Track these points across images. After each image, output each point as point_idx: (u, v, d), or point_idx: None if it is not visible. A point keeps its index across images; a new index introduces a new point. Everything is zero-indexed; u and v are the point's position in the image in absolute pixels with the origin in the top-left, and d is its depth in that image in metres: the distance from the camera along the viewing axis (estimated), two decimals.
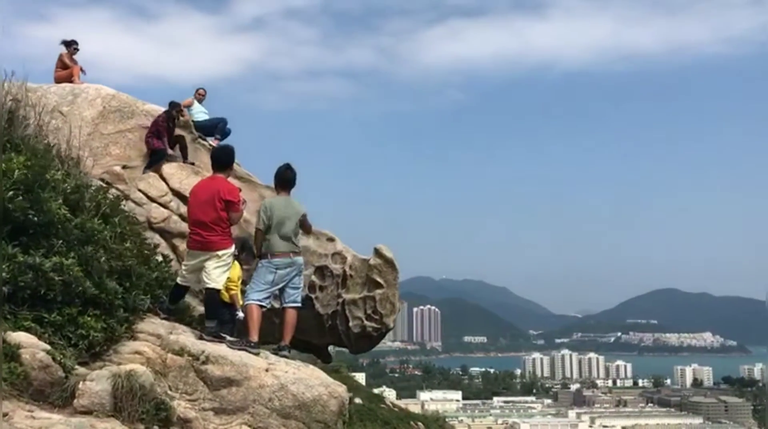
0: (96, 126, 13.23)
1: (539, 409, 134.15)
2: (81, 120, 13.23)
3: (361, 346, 12.78)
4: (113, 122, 13.29)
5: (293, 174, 7.81)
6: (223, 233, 7.16)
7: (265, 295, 7.40)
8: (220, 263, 7.11)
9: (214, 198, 7.16)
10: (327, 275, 12.56)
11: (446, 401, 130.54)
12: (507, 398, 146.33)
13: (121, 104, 13.57)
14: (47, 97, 13.64)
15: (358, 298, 12.37)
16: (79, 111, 13.35)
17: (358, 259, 12.60)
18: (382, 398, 53.87)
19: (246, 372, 6.08)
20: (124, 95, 13.87)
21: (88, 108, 13.42)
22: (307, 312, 12.64)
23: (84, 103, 13.50)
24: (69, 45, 14.65)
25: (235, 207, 7.27)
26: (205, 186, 7.44)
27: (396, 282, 12.49)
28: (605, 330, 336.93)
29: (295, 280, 7.60)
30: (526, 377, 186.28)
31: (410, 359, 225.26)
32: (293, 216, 7.53)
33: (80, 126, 13.14)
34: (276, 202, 7.65)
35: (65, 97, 13.60)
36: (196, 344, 6.30)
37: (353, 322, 12.34)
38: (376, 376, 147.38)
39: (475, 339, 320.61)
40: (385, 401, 51.80)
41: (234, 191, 7.36)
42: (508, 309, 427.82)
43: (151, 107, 13.71)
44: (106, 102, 13.52)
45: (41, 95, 13.86)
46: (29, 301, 5.50)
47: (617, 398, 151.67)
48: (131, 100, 13.77)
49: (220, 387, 6.00)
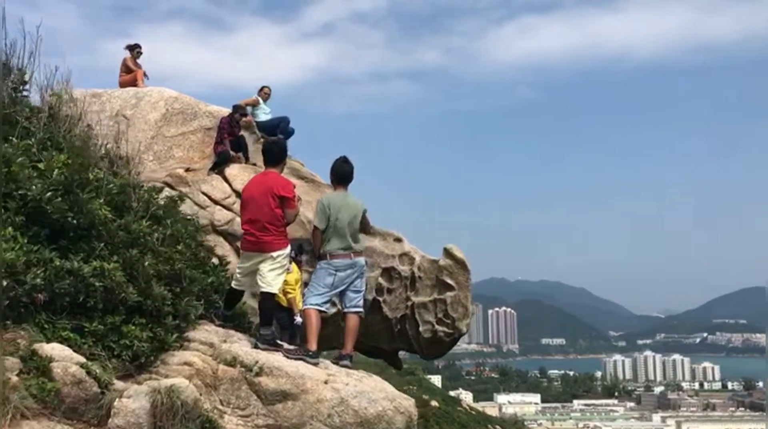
0: (159, 129, 13.05)
1: (621, 413, 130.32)
2: (144, 123, 13.09)
3: (432, 352, 12.16)
4: (176, 124, 13.08)
5: (350, 167, 7.24)
6: (277, 232, 6.66)
7: (325, 298, 6.84)
8: (275, 265, 6.61)
9: (267, 194, 6.67)
10: (395, 277, 12.01)
11: (524, 404, 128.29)
12: (588, 401, 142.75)
13: (184, 106, 13.35)
14: (111, 101, 13.59)
15: (428, 301, 11.77)
16: (142, 114, 13.21)
17: (427, 259, 11.99)
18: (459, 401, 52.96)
19: (303, 384, 5.54)
20: (187, 97, 13.66)
21: (152, 111, 13.26)
22: (375, 316, 12.12)
23: (147, 106, 13.35)
24: (132, 49, 14.58)
25: (290, 203, 6.75)
26: (258, 182, 6.96)
27: (468, 284, 11.81)
28: (690, 330, 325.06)
29: (357, 283, 7.01)
30: (607, 380, 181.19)
31: (487, 362, 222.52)
32: (353, 213, 6.96)
33: (144, 129, 13.05)
34: (334, 199, 7.08)
35: (129, 100, 13.49)
36: (249, 354, 5.81)
37: (423, 326, 11.74)
38: (452, 378, 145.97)
39: (554, 341, 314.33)
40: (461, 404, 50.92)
41: (288, 186, 6.85)
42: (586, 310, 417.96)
43: (213, 108, 13.45)
44: (168, 104, 13.33)
45: (106, 100, 13.87)
46: (68, 309, 5.10)
47: (705, 401, 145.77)
48: (194, 101, 13.55)
49: (275, 401, 5.48)
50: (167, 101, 13.40)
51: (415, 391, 44.26)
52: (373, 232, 12.39)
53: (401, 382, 45.65)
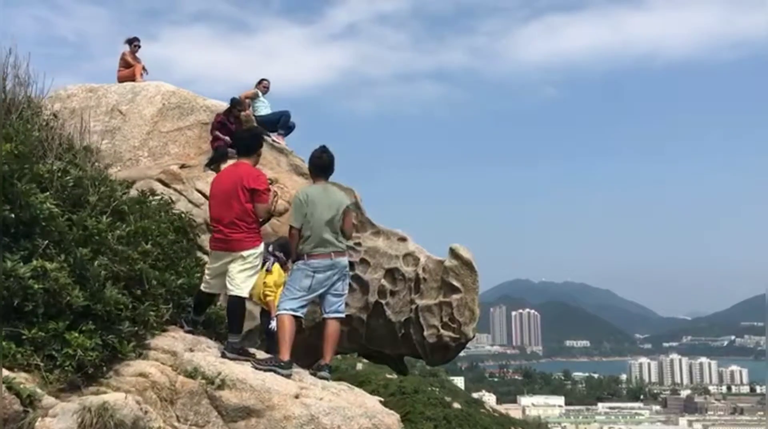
0: (155, 124, 12.56)
1: (647, 416, 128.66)
2: (140, 118, 12.62)
3: (437, 358, 11.51)
4: (172, 120, 12.59)
5: (330, 157, 6.61)
6: (248, 230, 6.07)
7: (301, 303, 6.18)
8: (245, 266, 6.02)
9: (236, 188, 6.08)
10: (398, 279, 11.39)
11: (548, 406, 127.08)
12: (613, 404, 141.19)
13: (181, 101, 12.85)
14: (107, 96, 13.14)
15: (432, 304, 11.13)
16: (138, 109, 12.74)
17: (433, 260, 11.36)
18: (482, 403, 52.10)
19: (269, 399, 4.95)
20: (185, 91, 13.16)
21: (148, 106, 12.78)
22: (378, 319, 11.51)
23: (143, 101, 12.88)
24: (131, 43, 14.12)
25: (262, 197, 6.14)
26: (227, 175, 6.37)
27: (476, 286, 11.15)
28: (717, 333, 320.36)
29: (338, 286, 6.36)
30: (632, 382, 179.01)
31: (510, 363, 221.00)
32: (334, 208, 6.32)
33: (139, 125, 12.57)
34: (312, 192, 6.42)
35: (125, 95, 13.03)
36: (213, 364, 5.22)
37: (428, 330, 11.10)
38: (475, 380, 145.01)
39: (578, 343, 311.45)
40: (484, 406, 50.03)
41: (260, 178, 6.24)
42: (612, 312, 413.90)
43: (211, 103, 12.93)
44: (165, 99, 12.84)
45: (101, 95, 13.41)
46: (5, 314, 4.54)
47: (732, 405, 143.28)
48: (191, 95, 13.05)
49: (237, 418, 4.89)
50: (164, 96, 12.91)
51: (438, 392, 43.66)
52: (376, 231, 11.80)
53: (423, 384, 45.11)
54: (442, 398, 41.24)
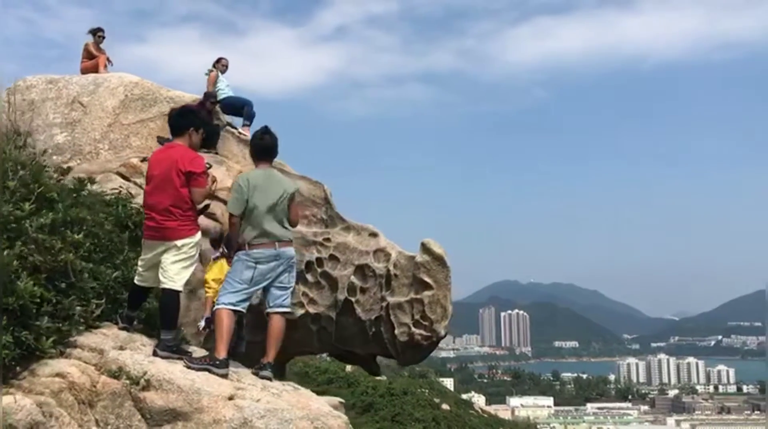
0: (116, 116, 12.09)
1: (635, 416, 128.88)
2: (102, 110, 12.14)
3: (409, 357, 11.03)
4: (134, 111, 12.11)
5: (274, 139, 6.16)
6: (183, 217, 5.61)
7: (241, 297, 5.70)
8: (179, 256, 5.57)
9: (170, 171, 5.62)
10: (369, 275, 10.92)
11: (537, 407, 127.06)
12: (601, 404, 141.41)
13: (144, 92, 12.38)
14: (68, 87, 12.65)
15: (404, 301, 10.66)
16: (100, 101, 12.26)
17: (404, 256, 10.90)
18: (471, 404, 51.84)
19: (198, 401, 4.50)
20: (149, 82, 12.68)
21: (110, 97, 12.31)
22: (348, 318, 11.06)
23: (105, 92, 12.40)
24: (95, 33, 13.63)
25: (199, 181, 5.68)
26: (160, 157, 5.89)
27: (448, 282, 10.70)
28: (705, 333, 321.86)
29: (284, 278, 5.89)
30: (620, 383, 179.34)
31: (499, 364, 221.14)
32: (278, 194, 5.85)
33: (101, 116, 12.10)
34: (254, 177, 5.95)
35: (87, 86, 12.55)
36: (139, 364, 4.77)
37: (399, 329, 10.63)
38: (464, 381, 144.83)
39: (567, 344, 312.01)
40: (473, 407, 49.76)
41: (196, 160, 5.78)
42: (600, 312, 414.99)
43: (176, 93, 12.47)
44: (128, 90, 12.37)
45: (62, 86, 12.90)
46: None
47: (720, 405, 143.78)
48: (155, 87, 12.57)
49: (162, 421, 4.44)
50: (127, 87, 12.44)
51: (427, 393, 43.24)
52: (346, 227, 11.36)
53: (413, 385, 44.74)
54: (431, 399, 40.80)
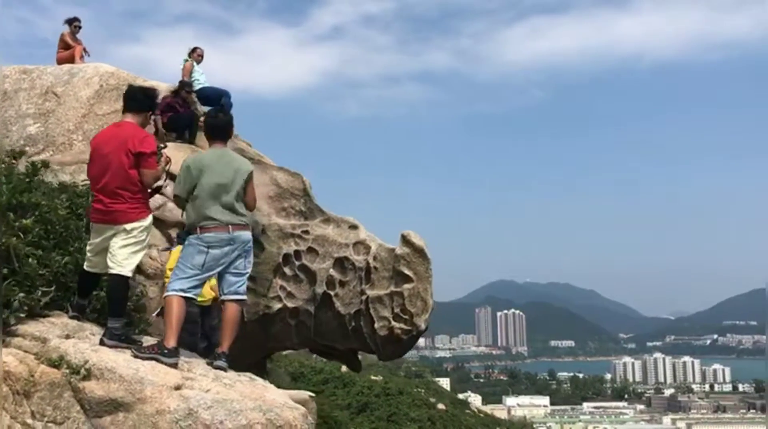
0: (91, 107, 11.81)
1: (631, 415, 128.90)
2: (76, 101, 11.87)
3: (389, 352, 10.77)
4: (109, 102, 11.83)
5: (227, 118, 5.90)
6: (132, 199, 5.34)
7: (193, 283, 5.37)
8: (128, 241, 5.29)
9: (119, 151, 5.34)
10: (348, 268, 10.67)
11: (533, 407, 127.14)
12: (597, 403, 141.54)
13: (120, 82, 12.08)
14: (42, 78, 12.38)
15: (383, 294, 10.41)
16: (74, 91, 11.98)
17: (385, 248, 10.65)
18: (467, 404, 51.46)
19: (140, 391, 4.24)
20: (125, 72, 12.42)
21: (84, 88, 12.03)
22: (327, 312, 10.79)
23: (80, 82, 12.12)
24: (71, 23, 13.36)
25: (149, 162, 5.41)
26: (109, 136, 5.60)
27: (428, 274, 10.45)
28: (700, 332, 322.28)
29: (239, 264, 5.56)
30: (616, 382, 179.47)
31: (495, 364, 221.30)
32: (231, 174, 5.55)
33: (75, 107, 11.83)
34: (205, 157, 5.66)
35: (61, 77, 12.27)
36: (81, 353, 4.51)
37: (379, 323, 10.38)
38: (460, 381, 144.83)
39: (563, 343, 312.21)
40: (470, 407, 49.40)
41: (147, 140, 5.50)
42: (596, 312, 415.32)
43: (152, 83, 12.18)
44: (103, 80, 12.09)
45: (36, 77, 12.62)
46: None
47: (715, 404, 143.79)
48: (132, 77, 12.30)
49: (102, 413, 4.18)
50: (102, 77, 12.16)
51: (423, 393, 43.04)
52: (326, 219, 11.11)
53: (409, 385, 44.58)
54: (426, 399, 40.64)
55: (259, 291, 10.59)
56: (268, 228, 10.74)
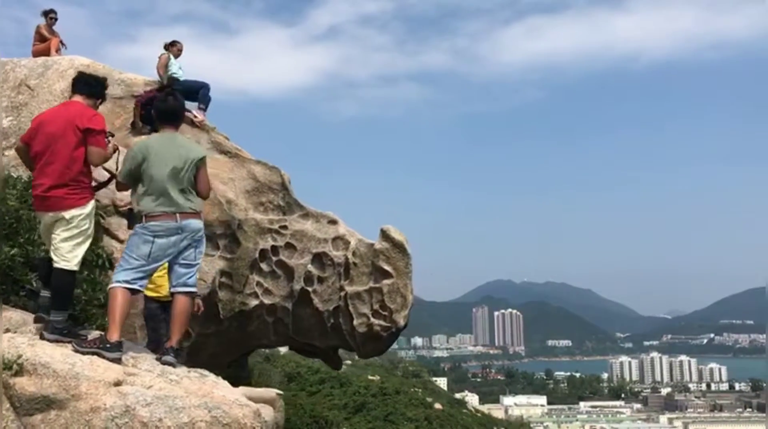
0: (65, 99, 11.54)
1: (628, 414, 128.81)
2: (49, 93, 11.58)
3: (369, 349, 10.54)
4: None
5: (178, 103, 5.65)
6: (73, 184, 5.03)
7: (138, 274, 5.06)
8: (70, 231, 4.99)
9: (65, 129, 5.05)
10: (327, 264, 10.43)
11: (531, 406, 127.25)
12: (594, 403, 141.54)
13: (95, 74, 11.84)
14: (16, 70, 12.10)
15: (362, 290, 10.17)
16: (48, 84, 11.70)
17: (364, 244, 10.41)
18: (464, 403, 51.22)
19: (75, 388, 3.98)
20: (100, 65, 12.14)
21: (59, 80, 11.74)
22: (305, 309, 10.54)
23: (54, 75, 11.84)
24: (47, 15, 13.07)
25: (97, 139, 5.10)
26: (53, 114, 5.32)
27: (408, 270, 10.21)
28: (697, 331, 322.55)
29: (188, 254, 5.25)
30: (613, 381, 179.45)
31: (493, 363, 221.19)
32: (181, 160, 5.27)
33: (48, 100, 11.55)
34: (153, 142, 5.37)
35: (35, 69, 11.98)
36: (17, 347, 4.25)
37: (358, 319, 10.14)
38: (458, 380, 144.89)
39: (560, 343, 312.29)
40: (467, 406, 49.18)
41: (96, 118, 5.21)
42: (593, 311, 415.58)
43: (127, 76, 11.94)
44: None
45: (10, 69, 12.35)
46: None
47: (712, 403, 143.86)
48: (107, 69, 12.02)
49: (33, 410, 3.92)
50: (77, 69, 11.83)
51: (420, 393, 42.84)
52: (305, 214, 10.86)
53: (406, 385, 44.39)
54: (423, 399, 40.48)
55: (235, 287, 10.34)
56: (245, 223, 10.49)
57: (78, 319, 5.92)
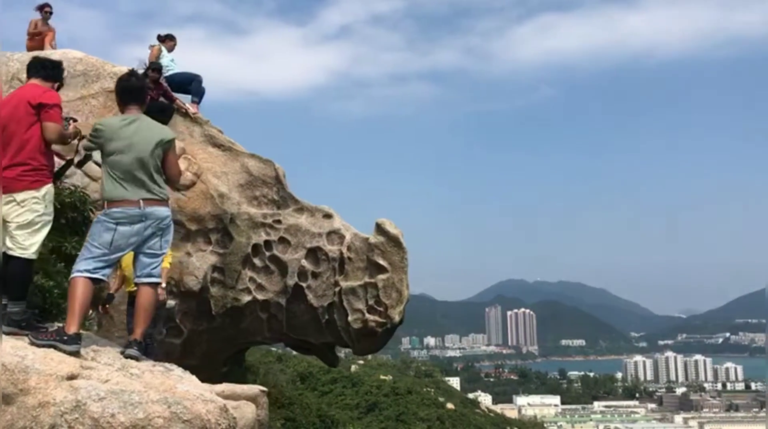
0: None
1: (643, 414, 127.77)
2: None
3: (365, 346, 10.34)
4: (75, 88, 11.42)
5: (141, 80, 5.44)
6: (26, 164, 4.80)
7: (99, 263, 4.79)
8: (24, 216, 4.75)
9: (18, 108, 4.84)
10: (321, 259, 10.23)
11: (544, 406, 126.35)
12: (608, 402, 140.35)
13: (87, 68, 11.68)
14: (9, 64, 11.96)
15: (357, 285, 9.96)
16: None
17: (360, 238, 10.20)
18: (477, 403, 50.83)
19: (24, 382, 3.75)
20: (93, 58, 11.98)
21: None
22: (299, 305, 10.34)
23: None
24: (41, 8, 12.93)
25: (50, 113, 4.89)
26: (10, 97, 5.10)
27: (404, 265, 9.99)
28: (712, 330, 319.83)
29: (153, 243, 5.01)
30: (628, 381, 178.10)
31: (506, 363, 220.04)
32: (149, 143, 5.01)
33: None
34: (116, 123, 5.12)
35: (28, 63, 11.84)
36: None
37: (353, 315, 9.93)
38: (470, 380, 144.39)
39: (573, 342, 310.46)
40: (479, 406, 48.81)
41: (49, 93, 5.03)
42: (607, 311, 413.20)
43: (120, 69, 11.71)
44: (71, 66, 11.62)
45: (3, 63, 12.26)
46: None
47: (727, 402, 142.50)
48: (99, 62, 11.87)
49: None
50: (70, 63, 11.68)
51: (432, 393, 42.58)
52: (299, 208, 10.65)
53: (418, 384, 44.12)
54: (436, 399, 40.27)
55: (227, 283, 10.16)
56: (238, 217, 10.30)
57: (49, 313, 5.70)
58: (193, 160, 10.26)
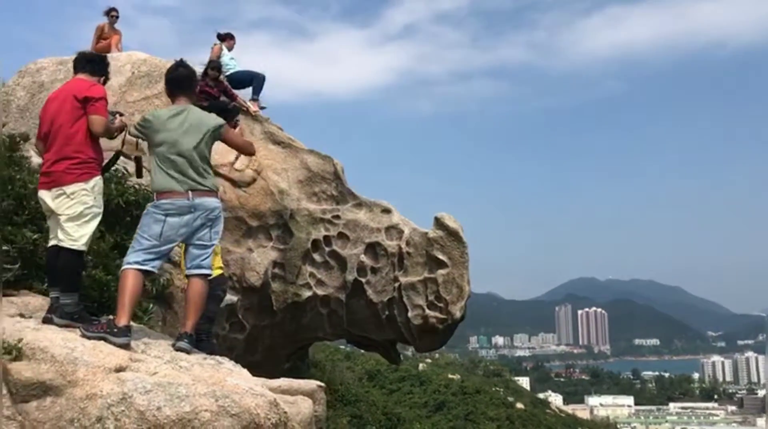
0: (123, 94, 11.61)
1: (722, 416, 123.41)
2: (108, 89, 11.66)
3: (426, 343, 10.16)
4: (139, 88, 11.61)
5: (189, 71, 5.42)
6: (75, 157, 4.86)
7: (150, 256, 4.80)
8: (74, 208, 4.81)
9: (65, 103, 4.95)
10: (380, 254, 10.12)
11: (617, 406, 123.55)
12: (685, 404, 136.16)
13: (151, 68, 11.86)
14: (69, 66, 12.30)
15: (417, 281, 9.81)
16: None
17: (418, 233, 10.05)
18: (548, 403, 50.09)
19: (72, 373, 3.75)
20: (157, 59, 12.17)
21: (117, 75, 11.80)
22: (359, 300, 10.25)
23: (113, 71, 11.71)
24: (108, 13, 13.23)
25: (95, 106, 4.95)
26: (58, 92, 5.25)
27: (464, 259, 9.78)
28: None
29: (203, 235, 4.95)
30: (705, 382, 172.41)
31: (576, 363, 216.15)
32: (198, 134, 4.99)
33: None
34: (165, 114, 5.13)
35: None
36: (21, 331, 4.07)
37: (413, 311, 9.78)
38: (540, 380, 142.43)
39: (647, 342, 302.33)
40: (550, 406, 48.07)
41: (95, 87, 5.13)
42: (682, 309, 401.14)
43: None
44: (135, 67, 11.88)
45: (71, 67, 12.56)
46: None
47: None
48: (163, 62, 12.02)
49: (30, 397, 3.71)
50: (134, 64, 11.96)
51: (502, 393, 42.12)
52: (358, 203, 10.56)
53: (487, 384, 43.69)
54: (505, 398, 39.82)
55: (288, 278, 10.15)
56: (297, 213, 10.29)
57: (107, 307, 5.77)
58: (254, 157, 10.29)
